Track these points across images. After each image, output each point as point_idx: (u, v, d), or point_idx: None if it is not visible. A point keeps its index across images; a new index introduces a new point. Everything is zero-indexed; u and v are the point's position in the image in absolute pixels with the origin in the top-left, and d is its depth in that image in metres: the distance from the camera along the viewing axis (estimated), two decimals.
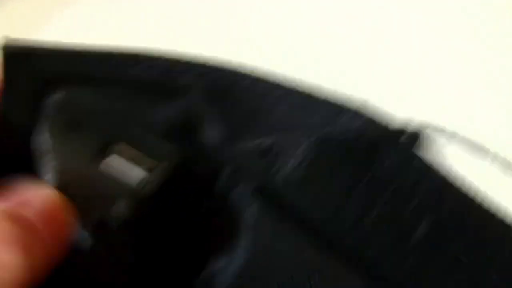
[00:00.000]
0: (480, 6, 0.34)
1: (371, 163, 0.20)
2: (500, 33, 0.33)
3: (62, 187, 0.18)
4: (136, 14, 0.32)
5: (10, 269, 0.15)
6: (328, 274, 0.21)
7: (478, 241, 0.20)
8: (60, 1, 0.33)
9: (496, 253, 0.20)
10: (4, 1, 0.34)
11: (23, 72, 0.20)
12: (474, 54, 0.32)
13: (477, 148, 0.20)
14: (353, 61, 0.31)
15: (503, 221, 0.20)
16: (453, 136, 0.20)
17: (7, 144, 0.20)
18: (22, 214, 0.17)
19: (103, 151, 0.19)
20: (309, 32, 0.33)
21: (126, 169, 0.18)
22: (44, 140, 0.19)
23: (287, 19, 0.34)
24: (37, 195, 0.17)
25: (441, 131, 0.20)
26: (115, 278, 0.19)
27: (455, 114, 0.29)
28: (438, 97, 0.31)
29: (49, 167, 0.19)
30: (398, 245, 0.20)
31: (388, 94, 0.28)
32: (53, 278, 0.18)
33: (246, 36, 0.32)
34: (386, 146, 0.20)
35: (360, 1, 0.34)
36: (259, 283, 0.20)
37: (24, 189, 0.17)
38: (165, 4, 0.34)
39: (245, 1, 0.34)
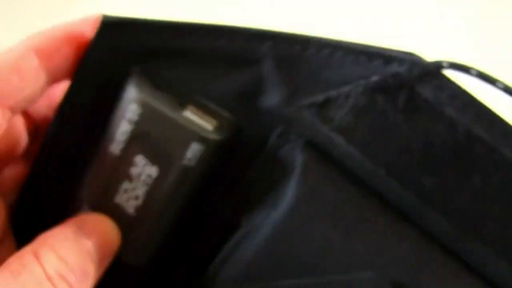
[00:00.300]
0: None
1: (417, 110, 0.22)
2: None
3: (144, 132, 0.23)
4: None
5: None
6: (374, 225, 0.22)
7: None
8: None
9: None
10: None
11: (118, 42, 0.23)
12: None
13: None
14: None
15: None
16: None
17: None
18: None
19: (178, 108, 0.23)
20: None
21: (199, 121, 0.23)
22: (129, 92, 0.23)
23: None
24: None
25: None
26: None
27: None
28: None
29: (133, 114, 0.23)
30: (453, 196, 0.22)
31: None
32: None
33: None
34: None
35: None
36: (301, 230, 0.22)
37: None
38: None
39: None
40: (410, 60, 0.22)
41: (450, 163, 0.22)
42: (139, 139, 0.23)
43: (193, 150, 0.23)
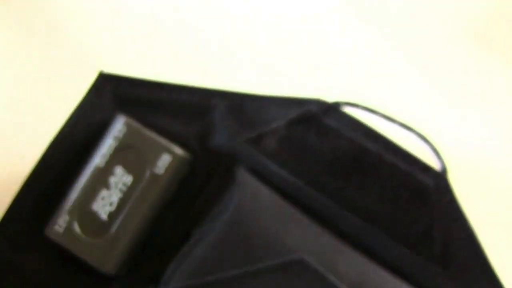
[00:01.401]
0: None
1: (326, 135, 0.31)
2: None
3: (126, 146, 0.31)
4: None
5: None
6: (300, 222, 0.30)
7: None
8: None
9: None
10: None
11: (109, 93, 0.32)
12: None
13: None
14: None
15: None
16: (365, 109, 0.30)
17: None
18: None
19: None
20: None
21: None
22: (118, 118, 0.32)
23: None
24: None
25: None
26: None
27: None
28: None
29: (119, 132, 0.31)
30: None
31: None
32: None
33: None
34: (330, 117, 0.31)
35: None
36: (244, 227, 0.29)
37: None
38: None
39: None
40: (317, 102, 0.32)
41: (351, 169, 0.30)
42: (121, 153, 0.30)
43: (163, 160, 0.30)
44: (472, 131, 0.34)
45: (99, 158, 0.30)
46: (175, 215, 0.32)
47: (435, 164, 0.31)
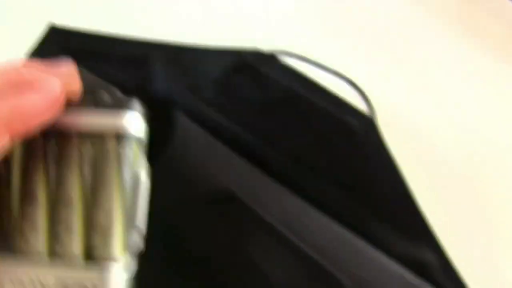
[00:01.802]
0: None
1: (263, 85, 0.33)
2: None
3: None
4: None
5: None
6: (228, 155, 0.32)
7: None
8: None
9: None
10: None
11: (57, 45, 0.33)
12: None
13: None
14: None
15: None
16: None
17: None
18: None
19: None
20: None
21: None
22: None
23: None
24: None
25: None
26: None
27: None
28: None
29: None
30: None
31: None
32: None
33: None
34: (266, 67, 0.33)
35: None
36: (180, 164, 0.31)
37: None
38: None
39: None
40: (254, 52, 0.33)
41: (284, 114, 0.32)
42: None
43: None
44: (397, 80, 0.36)
45: None
46: None
47: (363, 109, 0.32)
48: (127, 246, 0.25)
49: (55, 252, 0.24)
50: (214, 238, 0.30)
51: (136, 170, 0.26)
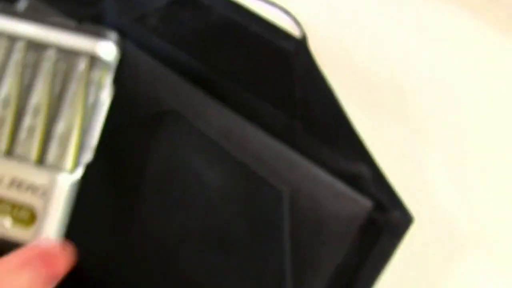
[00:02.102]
0: None
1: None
2: None
3: None
4: None
5: None
6: (173, 82, 0.34)
7: None
8: None
9: None
10: None
11: None
12: None
13: None
14: None
15: None
16: None
17: None
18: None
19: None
20: None
21: None
22: None
23: None
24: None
25: None
26: None
27: None
28: None
29: None
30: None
31: None
32: None
33: None
34: None
35: None
36: (127, 87, 0.33)
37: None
38: None
39: None
40: None
41: (221, 39, 0.34)
42: None
43: None
44: (328, 5, 0.38)
45: None
46: None
47: (296, 33, 0.34)
48: (78, 158, 0.28)
49: (13, 152, 0.27)
50: (158, 152, 0.32)
51: (100, 91, 0.29)
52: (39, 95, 0.28)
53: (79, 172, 0.28)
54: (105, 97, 0.29)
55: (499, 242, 0.35)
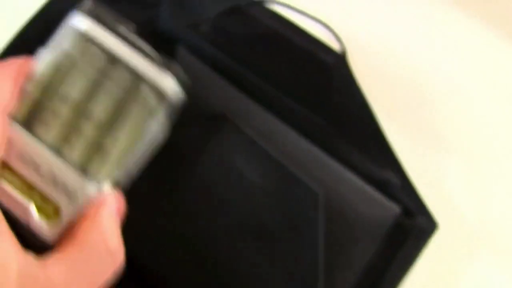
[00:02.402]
0: None
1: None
2: None
3: None
4: None
5: None
6: (223, 88, 0.37)
7: None
8: None
9: None
10: None
11: None
12: None
13: None
14: None
15: None
16: None
17: None
18: None
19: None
20: None
21: None
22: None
23: None
24: None
25: None
26: None
27: None
28: None
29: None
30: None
31: None
32: None
33: None
34: None
35: None
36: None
37: None
38: None
39: None
40: None
41: (267, 49, 0.37)
42: None
43: None
44: (371, 21, 0.41)
45: None
46: None
47: (336, 47, 0.37)
48: (114, 175, 0.29)
49: (61, 151, 0.29)
50: (207, 151, 0.34)
51: (156, 124, 0.29)
52: (101, 106, 0.29)
53: (107, 187, 0.29)
54: (158, 132, 0.30)
55: None
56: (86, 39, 0.29)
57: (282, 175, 0.34)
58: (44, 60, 0.29)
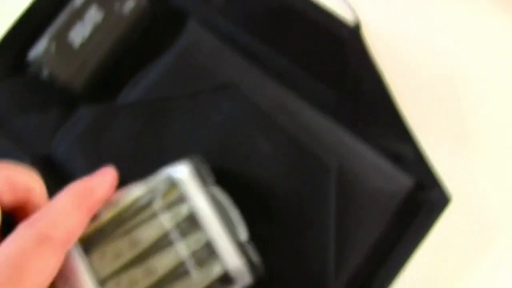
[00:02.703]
0: None
1: None
2: None
3: None
4: None
5: None
6: (233, 59, 0.37)
7: None
8: None
9: None
10: None
11: None
12: None
13: None
14: None
15: None
16: None
17: None
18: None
19: None
20: None
21: None
22: None
23: None
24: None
25: None
26: None
27: None
28: None
29: None
30: None
31: None
32: None
33: None
34: None
35: None
36: (189, 60, 0.37)
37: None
38: None
39: None
40: None
41: (281, 22, 0.37)
42: None
43: (128, 5, 0.37)
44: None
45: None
46: (137, 52, 0.38)
47: (350, 20, 0.37)
48: None
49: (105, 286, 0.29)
50: (216, 121, 0.35)
51: None
52: (164, 263, 0.29)
53: None
54: None
55: None
56: (178, 192, 0.30)
57: (294, 147, 0.35)
58: (131, 194, 0.30)
